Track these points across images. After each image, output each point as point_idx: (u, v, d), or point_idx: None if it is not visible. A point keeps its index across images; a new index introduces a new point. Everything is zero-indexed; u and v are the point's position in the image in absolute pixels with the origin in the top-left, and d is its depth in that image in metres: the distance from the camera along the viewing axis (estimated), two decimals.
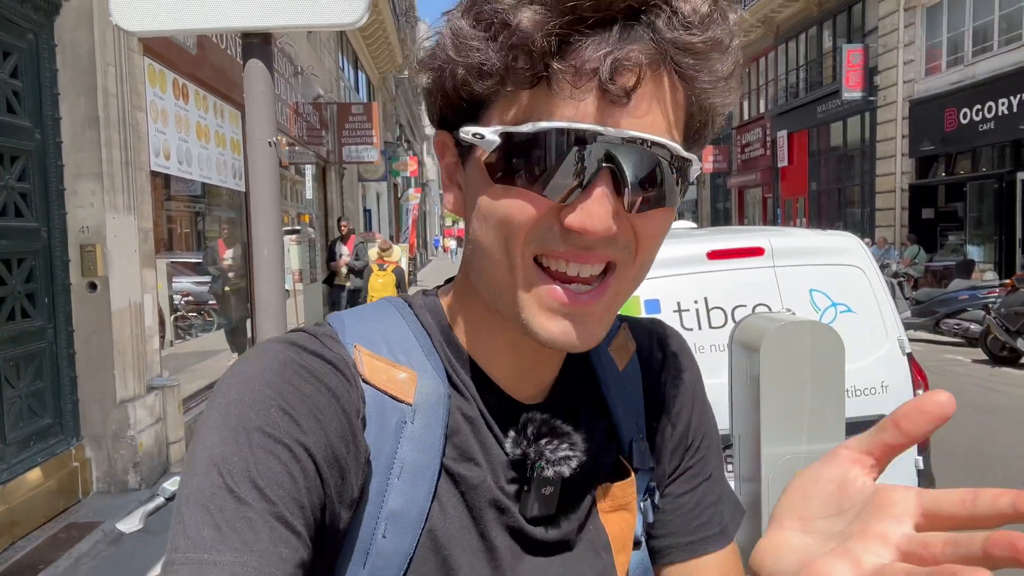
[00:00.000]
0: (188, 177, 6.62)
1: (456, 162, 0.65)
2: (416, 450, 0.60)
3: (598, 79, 0.53)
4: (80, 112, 4.83)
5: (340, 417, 0.57)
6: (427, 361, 0.64)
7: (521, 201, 0.57)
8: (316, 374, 0.58)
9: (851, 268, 3.60)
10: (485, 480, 0.63)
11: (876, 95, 17.87)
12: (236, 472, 0.52)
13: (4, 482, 4.18)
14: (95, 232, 4.85)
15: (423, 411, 0.61)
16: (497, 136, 0.57)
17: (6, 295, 4.32)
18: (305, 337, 0.61)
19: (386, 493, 0.59)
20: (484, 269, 0.62)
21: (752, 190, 26.74)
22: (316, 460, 0.54)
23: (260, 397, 0.55)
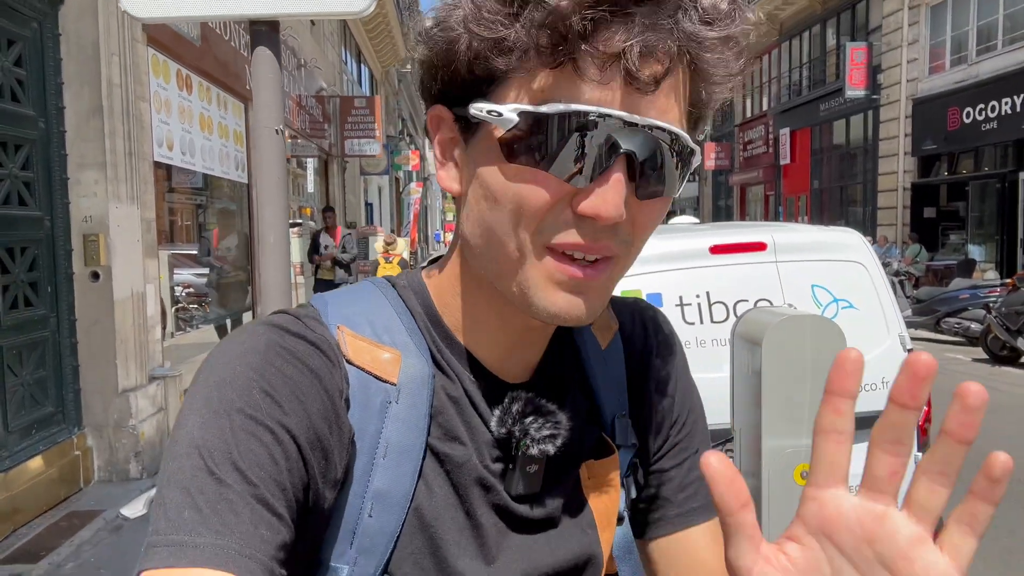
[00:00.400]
0: (191, 168, 6.63)
1: (453, 138, 0.63)
2: (401, 430, 0.60)
3: (624, 65, 0.53)
4: (84, 102, 4.83)
5: (323, 398, 0.57)
6: (411, 341, 0.64)
7: (535, 184, 0.57)
8: (298, 356, 0.58)
9: (854, 264, 3.60)
10: (470, 459, 0.64)
11: (879, 93, 17.85)
12: (217, 454, 0.52)
13: (6, 470, 4.20)
14: (98, 222, 4.86)
15: (407, 391, 0.61)
16: (516, 115, 0.56)
17: (9, 284, 4.33)
18: (287, 319, 0.61)
19: (371, 473, 0.59)
20: (488, 249, 0.61)
21: (754, 187, 26.73)
22: (298, 441, 0.54)
23: (242, 379, 0.55)
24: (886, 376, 3.45)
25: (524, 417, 0.65)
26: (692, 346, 3.46)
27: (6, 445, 4.25)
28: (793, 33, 22.57)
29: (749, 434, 2.62)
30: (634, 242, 0.61)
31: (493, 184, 0.59)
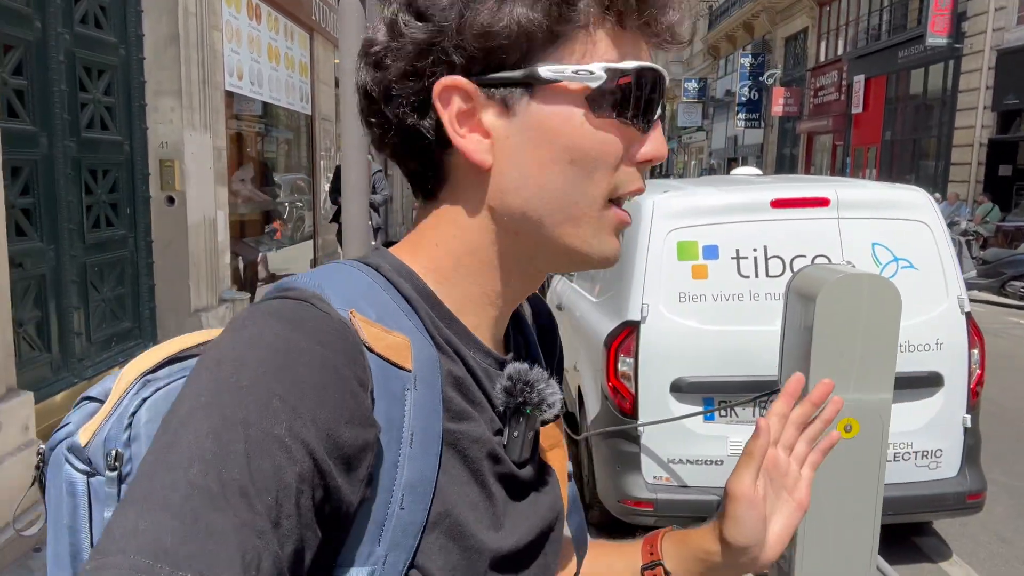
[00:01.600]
0: (259, 98, 6.77)
1: (472, 108, 0.62)
2: (422, 417, 0.58)
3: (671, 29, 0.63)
4: (162, 30, 4.97)
5: (347, 401, 0.53)
6: (411, 324, 0.62)
7: (617, 136, 0.62)
8: (322, 355, 0.53)
9: (917, 224, 3.56)
10: (482, 434, 0.64)
11: (962, 42, 16.95)
12: (223, 472, 0.46)
13: (89, 377, 4.51)
14: (173, 148, 5.06)
15: (422, 376, 0.59)
16: (603, 71, 0.61)
17: (92, 204, 4.57)
18: (303, 308, 0.56)
19: (399, 465, 0.57)
20: (550, 210, 0.63)
21: (822, 137, 25.86)
22: (317, 458, 0.50)
23: (258, 385, 0.50)
24: (940, 338, 3.44)
25: (537, 384, 0.66)
26: (746, 299, 3.49)
27: (89, 356, 4.56)
28: None
29: None
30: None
31: (577, 141, 0.62)
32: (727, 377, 3.42)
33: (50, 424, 3.97)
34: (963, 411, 3.49)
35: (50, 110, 4.06)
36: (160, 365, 0.64)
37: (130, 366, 0.65)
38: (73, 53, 4.30)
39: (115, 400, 0.62)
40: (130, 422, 0.60)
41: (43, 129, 4.03)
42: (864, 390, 2.55)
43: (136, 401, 0.61)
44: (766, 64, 29.61)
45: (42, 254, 4.07)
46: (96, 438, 0.60)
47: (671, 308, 3.48)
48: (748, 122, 30.29)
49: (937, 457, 3.50)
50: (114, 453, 0.59)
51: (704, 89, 38.45)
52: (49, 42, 4.05)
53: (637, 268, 3.53)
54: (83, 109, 4.41)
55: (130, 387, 0.62)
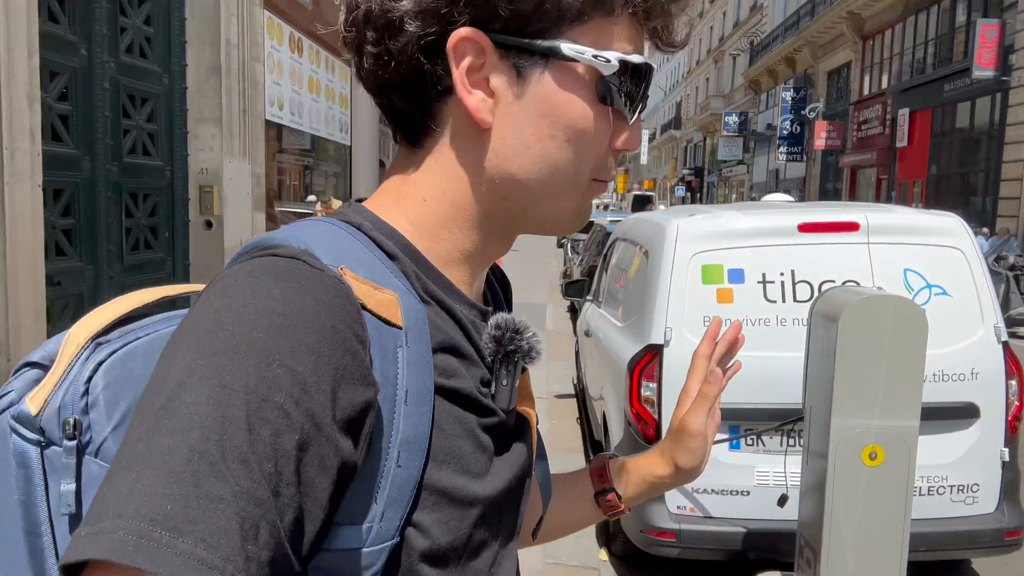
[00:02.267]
0: (299, 128, 6.94)
1: (484, 64, 0.61)
2: (414, 374, 0.58)
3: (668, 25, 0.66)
4: (205, 60, 5.15)
5: (348, 362, 0.52)
6: (399, 282, 0.61)
7: (612, 124, 0.65)
8: (322, 315, 0.51)
9: (951, 250, 3.47)
10: (472, 389, 0.64)
11: (1010, 75, 16.63)
12: (224, 439, 0.45)
13: None
14: (213, 174, 5.20)
15: (413, 333, 0.58)
16: (617, 62, 0.63)
17: (132, 226, 4.71)
18: (296, 265, 0.54)
19: (395, 422, 0.56)
20: (542, 179, 0.65)
21: (866, 170, 25.48)
22: (319, 423, 0.49)
23: (257, 348, 0.48)
24: (976, 367, 3.33)
25: (524, 332, 0.68)
26: (772, 324, 3.43)
27: None
28: (920, 7, 21.23)
29: (819, 412, 2.61)
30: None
31: (578, 122, 0.64)
32: (753, 404, 3.35)
33: None
34: (1001, 444, 3.36)
35: (93, 135, 4.22)
36: (111, 327, 0.62)
37: (76, 327, 0.62)
38: (118, 81, 4.47)
39: (65, 365, 0.59)
40: (86, 388, 0.57)
41: (86, 153, 4.18)
42: (889, 416, 2.47)
43: (90, 366, 0.58)
44: (808, 98, 29.39)
45: (80, 273, 4.19)
46: (48, 406, 0.58)
47: (695, 332, 3.43)
48: (790, 156, 30.01)
49: (974, 492, 3.37)
50: (72, 421, 0.56)
51: (745, 123, 38.28)
52: (95, 69, 4.22)
53: (660, 291, 3.50)
54: (126, 135, 4.57)
55: (80, 351, 0.60)
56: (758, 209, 4.06)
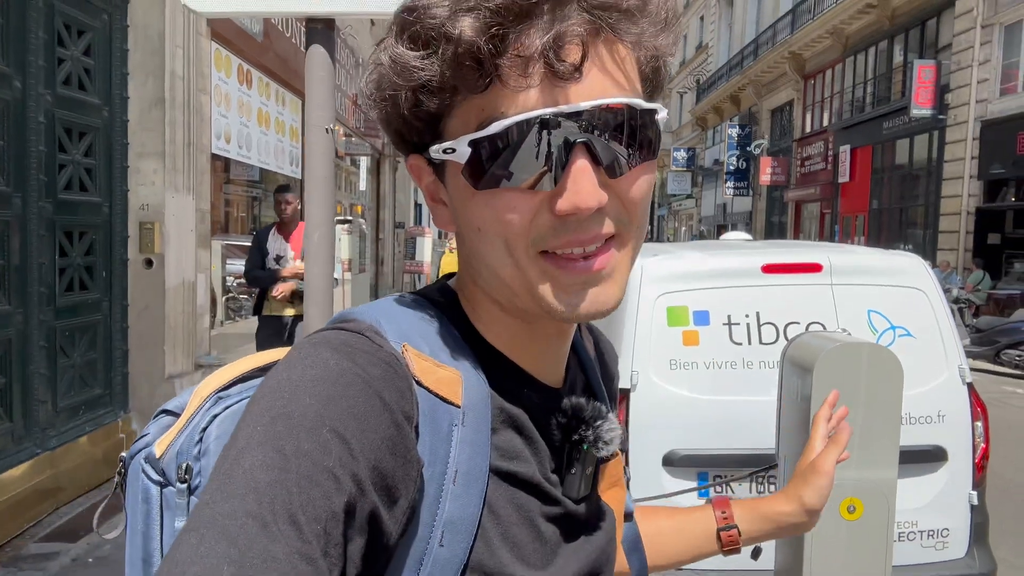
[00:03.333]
0: (247, 161, 6.73)
1: (434, 180, 0.65)
2: (469, 454, 0.59)
3: (545, 62, 0.54)
4: (148, 92, 4.94)
5: (393, 433, 0.54)
6: (464, 359, 0.62)
7: (510, 203, 0.58)
8: (373, 385, 0.54)
9: (914, 291, 3.46)
10: (533, 474, 0.63)
11: (946, 114, 17.31)
12: (277, 503, 0.48)
13: (53, 448, 4.30)
14: (154, 210, 4.97)
15: (472, 413, 0.60)
16: (467, 146, 0.57)
17: (66, 266, 4.44)
18: (354, 338, 0.58)
19: (441, 500, 0.57)
20: (491, 275, 0.62)
21: (810, 205, 26.17)
22: (364, 488, 0.51)
23: (310, 414, 0.51)
24: (942, 410, 3.30)
25: (594, 421, 0.66)
26: (739, 367, 3.36)
27: (54, 424, 4.36)
28: (858, 48, 22.05)
29: (794, 461, 2.53)
30: (631, 217, 0.61)
31: (473, 216, 0.60)
32: (722, 450, 3.26)
33: (8, 498, 3.75)
34: (969, 487, 3.32)
35: (26, 171, 3.98)
36: (232, 383, 0.66)
37: (205, 382, 0.68)
38: (53, 114, 4.24)
39: (189, 415, 0.65)
40: (201, 437, 0.63)
41: (17, 190, 3.93)
42: (867, 467, 2.39)
43: (207, 417, 0.63)
44: (753, 134, 30.19)
45: (9, 318, 3.92)
46: (170, 450, 0.64)
47: (662, 376, 3.34)
48: (737, 190, 30.70)
49: (944, 537, 3.31)
50: (184, 466, 0.62)
51: (693, 158, 39.12)
52: (29, 102, 3.99)
53: (626, 333, 3.41)
54: (61, 170, 4.33)
55: (203, 403, 0.65)
56: (719, 249, 4.02)
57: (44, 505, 4.19)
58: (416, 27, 0.56)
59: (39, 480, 4.14)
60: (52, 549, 3.84)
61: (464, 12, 0.54)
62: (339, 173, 12.28)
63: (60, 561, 3.73)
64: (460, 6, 0.55)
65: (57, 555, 3.78)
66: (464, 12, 0.54)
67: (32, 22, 3.99)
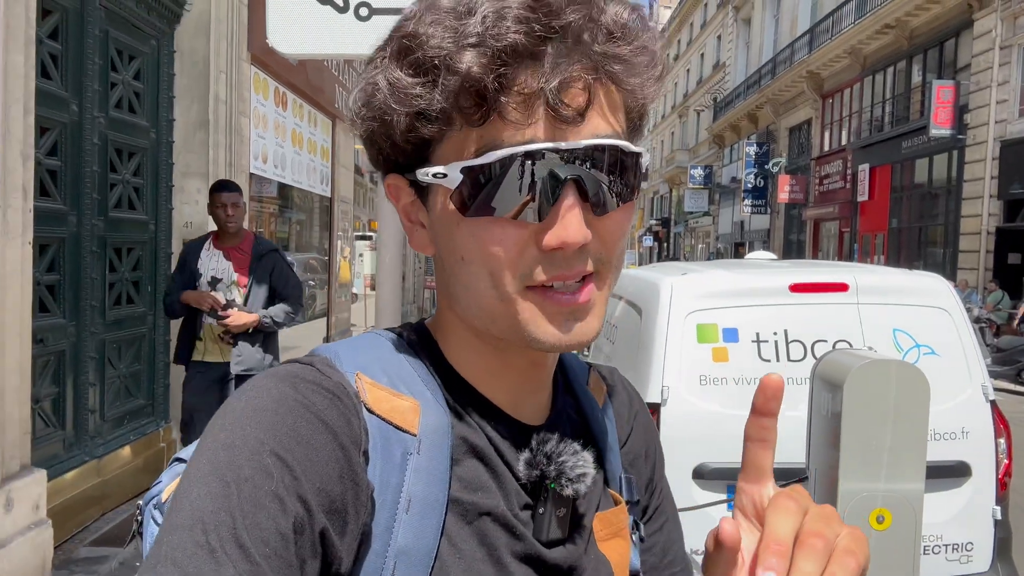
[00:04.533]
0: (282, 180, 6.93)
1: (413, 201, 0.65)
2: (423, 482, 0.58)
3: (545, 100, 0.55)
4: (192, 115, 5.15)
5: (338, 456, 0.54)
6: (426, 390, 0.62)
7: (496, 234, 0.58)
8: (313, 409, 0.55)
9: (938, 310, 3.56)
10: (498, 506, 0.62)
11: (965, 133, 17.33)
12: (222, 529, 0.49)
13: (100, 456, 4.46)
14: (197, 228, 5.15)
15: (428, 442, 0.59)
16: (460, 173, 0.57)
17: (115, 281, 4.63)
18: (301, 368, 0.59)
19: (394, 529, 0.57)
20: (471, 303, 0.62)
21: (828, 223, 26.15)
22: (310, 509, 0.52)
23: (252, 442, 0.52)
24: (965, 426, 3.39)
25: (558, 456, 0.63)
26: None
27: (101, 433, 4.52)
28: (877, 68, 22.13)
29: (825, 476, 2.63)
30: (609, 258, 0.62)
31: (459, 244, 0.60)
32: None
33: (60, 503, 3.91)
34: (992, 502, 3.40)
35: (81, 190, 4.17)
36: None
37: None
38: (106, 136, 4.44)
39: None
40: None
41: (73, 208, 4.13)
42: (895, 480, 2.50)
43: None
44: (771, 152, 30.23)
45: (63, 330, 4.10)
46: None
47: (692, 391, 3.45)
48: (754, 208, 30.71)
49: (968, 551, 3.39)
50: None
51: (710, 176, 39.17)
52: (85, 125, 4.19)
53: (656, 349, 3.52)
54: (112, 189, 4.53)
55: None
56: (746, 268, 4.14)
57: (92, 511, 4.35)
58: (418, 54, 0.57)
59: (88, 486, 4.30)
60: (101, 553, 3.99)
61: (470, 47, 0.54)
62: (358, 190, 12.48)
63: (109, 565, 3.88)
64: (466, 41, 0.55)
65: (106, 558, 3.93)
66: (470, 47, 0.54)
67: (89, 48, 4.19)
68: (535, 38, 0.55)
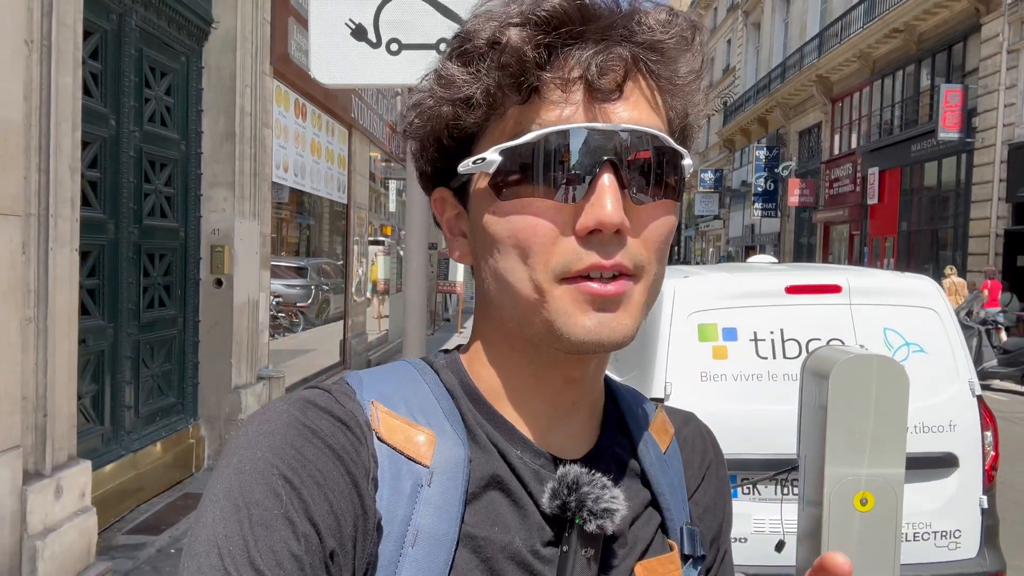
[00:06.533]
0: (302, 188, 7.21)
1: (458, 213, 0.65)
2: (433, 516, 0.56)
3: (585, 80, 0.56)
4: (219, 127, 5.42)
5: (346, 481, 0.55)
6: (447, 423, 0.61)
7: (534, 215, 0.57)
8: (320, 435, 0.56)
9: (926, 311, 3.75)
10: (513, 542, 0.59)
11: (973, 137, 17.43)
12: (237, 552, 0.50)
13: (135, 451, 4.73)
14: (224, 235, 5.42)
15: (441, 474, 0.58)
16: (498, 155, 0.58)
17: (148, 286, 4.90)
18: (316, 393, 0.59)
19: (399, 563, 0.55)
20: (506, 297, 0.60)
21: (839, 226, 26.24)
22: (320, 532, 0.52)
23: (262, 465, 0.53)
24: (953, 420, 3.58)
25: (580, 487, 0.59)
26: (764, 380, 3.68)
27: (136, 428, 4.79)
28: (886, 72, 22.24)
29: (813, 462, 2.85)
30: (648, 261, 0.59)
31: (494, 229, 0.59)
32: (749, 454, 3.57)
33: (100, 494, 4.17)
34: (979, 492, 3.59)
35: (119, 200, 4.44)
36: None
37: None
38: (141, 148, 4.71)
39: None
40: None
41: (111, 217, 4.40)
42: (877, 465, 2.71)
43: None
44: (781, 156, 30.33)
45: (103, 331, 4.36)
46: None
47: (693, 387, 3.67)
48: (765, 212, 30.81)
49: (956, 538, 3.59)
50: None
51: (720, 179, 39.29)
52: (122, 139, 4.46)
53: (660, 347, 3.74)
54: (146, 199, 4.80)
55: None
56: (745, 271, 4.35)
57: (127, 502, 4.61)
58: (467, 46, 0.59)
59: (124, 480, 4.57)
60: (139, 541, 4.25)
61: (513, 25, 0.57)
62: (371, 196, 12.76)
63: (147, 551, 4.13)
64: (510, 20, 0.57)
65: (144, 545, 4.18)
66: (513, 25, 0.57)
67: (126, 67, 4.47)
68: (576, 13, 0.56)
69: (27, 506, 3.20)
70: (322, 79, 1.93)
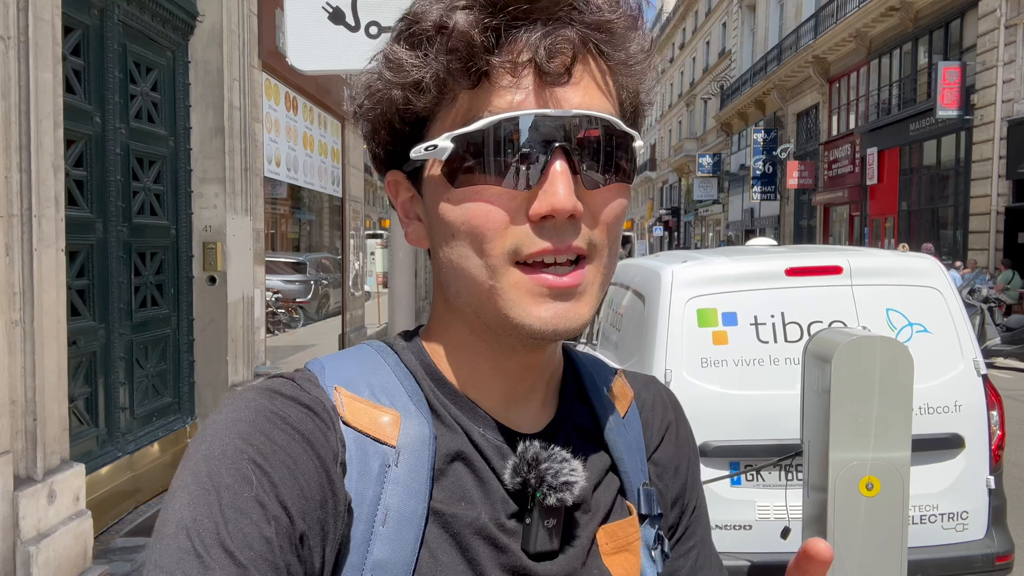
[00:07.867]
0: (295, 183, 7.13)
1: (412, 196, 0.65)
2: (401, 495, 0.58)
3: (535, 64, 0.56)
4: (208, 123, 5.34)
5: (315, 465, 0.56)
6: (411, 402, 0.62)
7: (486, 202, 0.57)
8: (289, 420, 0.57)
9: (929, 290, 3.69)
10: (479, 517, 0.61)
11: (972, 114, 17.31)
12: (205, 535, 0.50)
13: (132, 452, 4.68)
14: (216, 231, 5.35)
15: (408, 453, 0.59)
16: (449, 141, 0.57)
17: (140, 285, 4.83)
18: (280, 382, 0.60)
19: (371, 542, 0.57)
20: (462, 284, 0.61)
21: (839, 208, 26.14)
22: (291, 514, 0.53)
23: (231, 451, 0.54)
24: (958, 400, 3.52)
25: (539, 464, 0.61)
26: (766, 364, 3.62)
27: (132, 430, 4.74)
28: (882, 51, 22.08)
29: (817, 447, 2.78)
30: (602, 243, 0.60)
31: (448, 216, 0.59)
32: (752, 441, 3.51)
33: (96, 497, 4.12)
34: (986, 472, 3.54)
35: (106, 199, 4.37)
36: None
37: None
38: (128, 145, 4.64)
39: None
40: None
41: (99, 216, 4.33)
42: (883, 449, 2.64)
43: None
44: (779, 139, 30.20)
45: (94, 332, 4.30)
46: None
47: (694, 373, 3.61)
48: (764, 195, 30.70)
49: (963, 519, 3.54)
50: None
51: (719, 164, 39.14)
52: (108, 136, 4.39)
53: (659, 334, 3.68)
54: (135, 196, 4.73)
55: None
56: (745, 254, 4.28)
57: (125, 504, 4.56)
58: (413, 29, 0.58)
59: (120, 481, 4.52)
60: (138, 543, 4.20)
61: (460, 8, 0.56)
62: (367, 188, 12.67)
63: (145, 553, 4.08)
64: (456, 4, 0.56)
65: (142, 548, 4.14)
66: (460, 8, 0.56)
67: (109, 62, 4.39)
68: (527, 7, 0.56)
69: (19, 511, 3.15)
70: (299, 65, 1.86)
